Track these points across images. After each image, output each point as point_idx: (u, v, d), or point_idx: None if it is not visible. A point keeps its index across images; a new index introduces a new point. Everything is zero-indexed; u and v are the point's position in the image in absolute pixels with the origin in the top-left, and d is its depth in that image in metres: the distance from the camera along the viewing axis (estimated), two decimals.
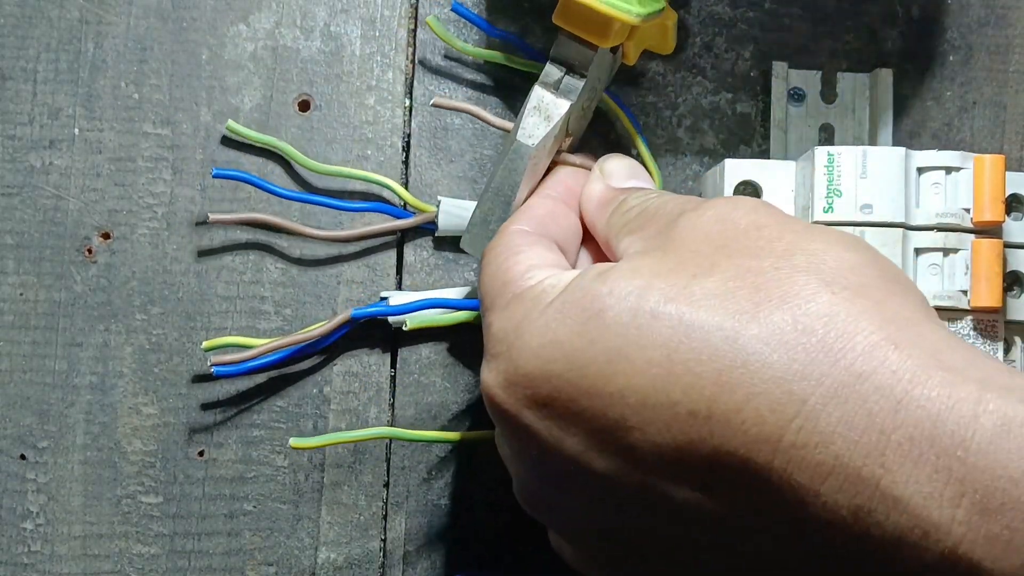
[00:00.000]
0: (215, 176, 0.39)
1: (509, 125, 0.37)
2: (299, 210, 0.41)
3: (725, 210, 0.29)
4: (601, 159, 0.36)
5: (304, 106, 0.41)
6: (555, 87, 0.35)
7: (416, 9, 0.42)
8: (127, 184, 0.41)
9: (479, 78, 0.41)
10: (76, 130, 0.41)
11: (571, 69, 0.35)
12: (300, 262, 0.40)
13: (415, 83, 0.41)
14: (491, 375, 0.29)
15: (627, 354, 0.26)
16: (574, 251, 0.35)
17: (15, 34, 0.41)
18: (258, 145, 0.40)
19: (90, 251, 0.40)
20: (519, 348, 0.28)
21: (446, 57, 0.41)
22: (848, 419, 0.24)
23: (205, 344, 0.39)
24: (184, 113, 0.41)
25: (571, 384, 0.27)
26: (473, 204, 0.37)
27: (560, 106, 0.35)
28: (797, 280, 0.26)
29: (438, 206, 0.39)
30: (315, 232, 0.40)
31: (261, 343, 0.38)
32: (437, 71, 0.41)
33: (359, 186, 0.41)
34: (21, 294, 0.40)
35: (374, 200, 0.40)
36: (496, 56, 0.40)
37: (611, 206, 0.34)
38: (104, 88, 0.41)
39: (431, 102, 0.39)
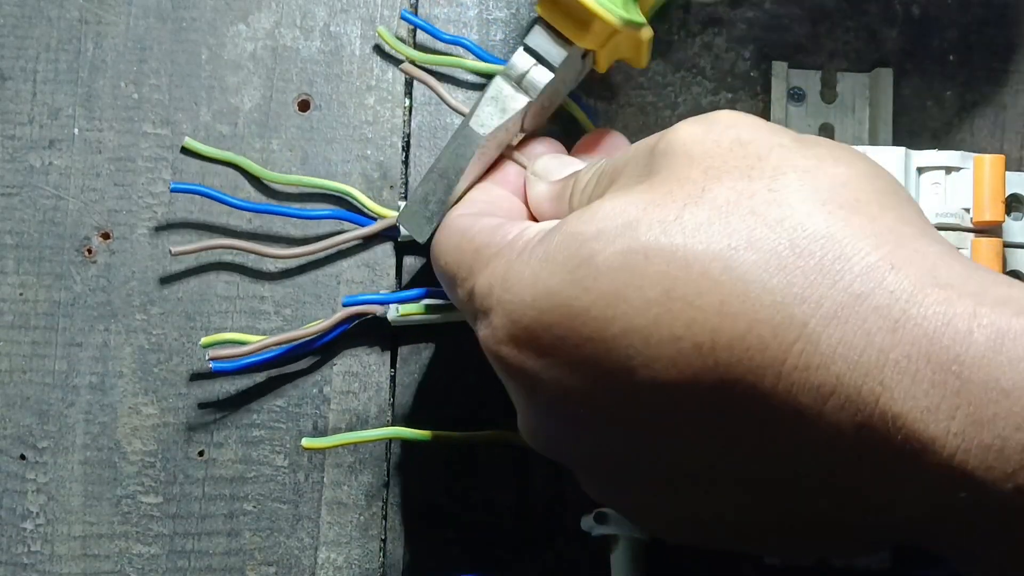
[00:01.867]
0: (173, 191, 0.39)
1: (466, 109, 0.36)
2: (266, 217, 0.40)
3: (701, 129, 0.28)
4: (528, 161, 0.36)
5: (304, 106, 0.41)
6: (518, 80, 0.35)
7: (416, 9, 0.42)
8: (127, 184, 0.41)
9: (479, 79, 0.41)
10: (76, 130, 0.41)
11: (540, 61, 0.35)
12: (300, 262, 0.40)
13: (415, 83, 0.41)
14: (488, 332, 0.29)
15: (624, 296, 0.26)
16: None
17: (15, 34, 0.41)
18: (217, 160, 0.40)
19: (90, 251, 0.40)
20: (511, 301, 0.28)
21: (446, 57, 0.41)
22: (848, 340, 0.24)
23: (204, 340, 0.39)
24: (184, 113, 0.41)
25: (571, 331, 0.27)
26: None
27: (518, 100, 0.35)
28: (791, 201, 0.26)
29: (400, 212, 0.39)
30: (275, 252, 0.39)
31: (259, 339, 0.38)
32: (436, 71, 0.41)
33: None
34: (21, 294, 0.40)
35: (336, 207, 0.40)
36: (447, 61, 0.40)
37: (565, 193, 0.33)
38: (104, 88, 0.41)
39: (399, 66, 0.39)
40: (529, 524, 0.40)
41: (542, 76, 0.35)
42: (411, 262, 0.41)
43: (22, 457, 0.40)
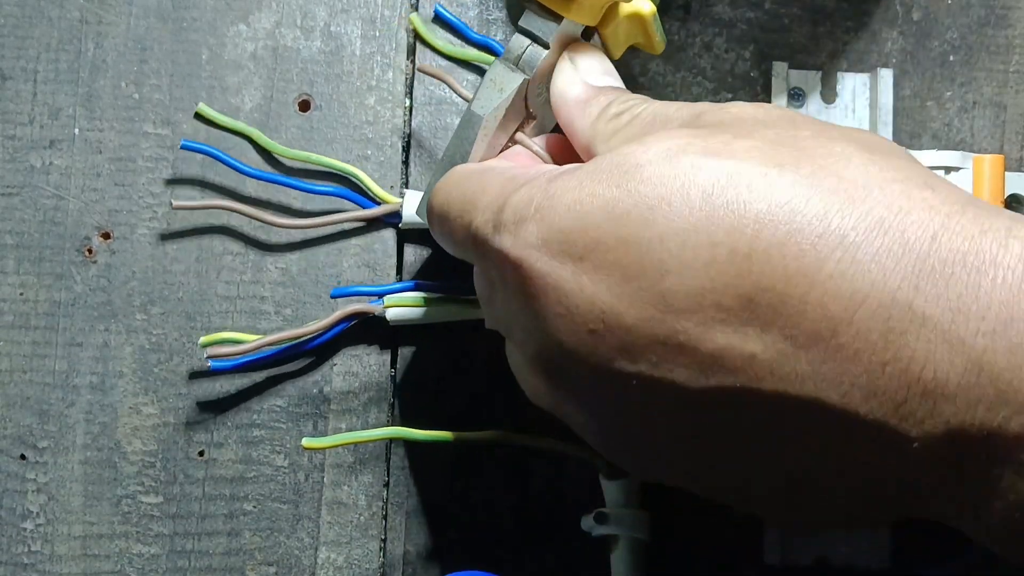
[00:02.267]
0: (183, 147, 0.39)
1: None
2: (269, 192, 0.41)
3: (754, 104, 0.30)
4: (570, 49, 0.35)
5: (304, 106, 0.41)
6: (515, 62, 0.35)
7: (416, 9, 0.42)
8: (127, 184, 0.41)
9: (479, 79, 0.41)
10: (76, 130, 0.41)
11: (535, 40, 0.35)
12: (300, 262, 0.40)
13: (415, 83, 0.41)
14: (520, 239, 0.29)
15: (669, 199, 0.26)
16: None
17: (15, 34, 0.41)
18: (227, 129, 0.40)
19: (90, 251, 0.40)
20: (551, 208, 0.28)
21: (446, 57, 0.41)
22: (887, 248, 0.25)
23: (202, 340, 0.39)
24: (184, 113, 0.41)
25: (610, 233, 0.27)
26: None
27: (514, 79, 0.35)
28: (835, 145, 0.27)
29: (403, 198, 0.40)
30: (276, 220, 0.40)
31: (258, 338, 0.38)
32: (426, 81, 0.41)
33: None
34: (21, 294, 0.40)
35: (341, 187, 0.40)
36: (473, 58, 0.41)
37: (592, 107, 0.33)
38: (104, 88, 0.41)
39: (417, 67, 0.40)
40: (529, 524, 0.40)
41: (537, 54, 0.35)
42: (411, 262, 0.41)
43: (22, 457, 0.40)
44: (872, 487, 0.27)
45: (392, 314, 0.39)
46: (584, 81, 0.34)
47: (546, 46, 0.35)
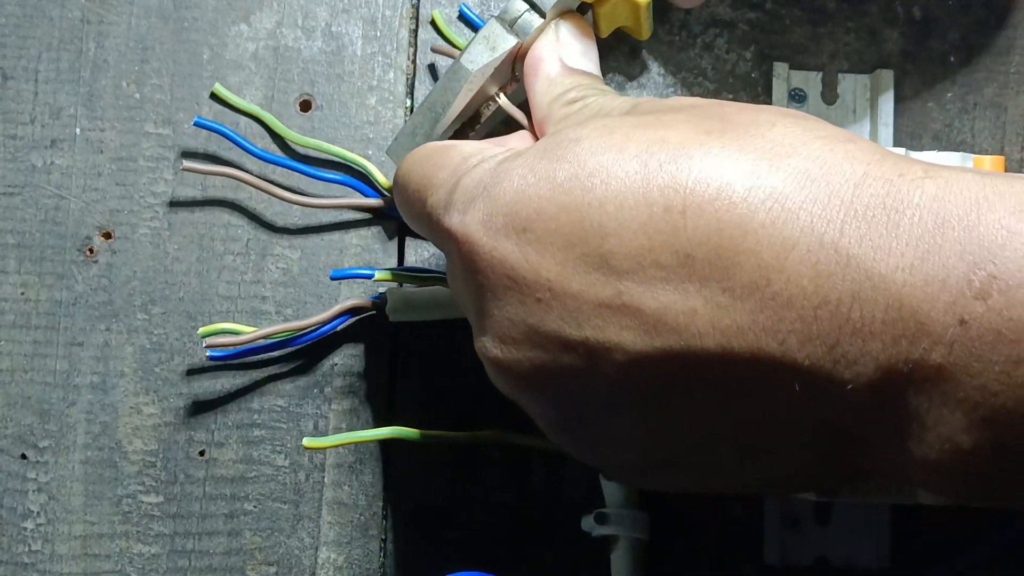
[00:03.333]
0: (196, 124, 0.39)
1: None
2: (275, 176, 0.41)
3: (690, 98, 0.32)
4: (560, 18, 0.36)
5: (305, 106, 0.41)
6: (511, 23, 0.35)
7: (417, 9, 0.42)
8: (128, 184, 0.41)
9: None
10: (77, 130, 0.41)
11: (533, 7, 0.35)
12: (301, 262, 0.41)
13: (416, 84, 0.41)
14: (467, 217, 0.30)
15: (605, 165, 0.28)
16: None
17: (16, 34, 0.41)
18: (241, 111, 0.41)
19: (91, 251, 0.40)
20: (496, 185, 0.29)
21: (447, 57, 0.41)
22: (813, 196, 0.26)
23: (202, 330, 0.38)
24: (185, 113, 0.41)
25: (551, 202, 0.28)
26: None
27: (508, 41, 0.35)
28: (760, 115, 0.29)
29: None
30: (285, 194, 0.40)
31: (257, 329, 0.38)
32: (438, 71, 0.41)
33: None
34: (22, 293, 0.40)
35: (349, 177, 0.40)
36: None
37: (555, 87, 0.34)
38: (105, 88, 0.41)
39: (431, 47, 0.41)
40: (529, 524, 0.40)
41: (533, 20, 0.35)
42: (412, 262, 0.41)
43: (23, 456, 0.40)
44: (818, 441, 0.28)
45: (391, 308, 0.39)
46: (560, 58, 0.35)
47: (543, 14, 0.35)
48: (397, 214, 0.40)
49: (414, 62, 0.42)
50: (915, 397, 0.26)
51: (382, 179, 0.40)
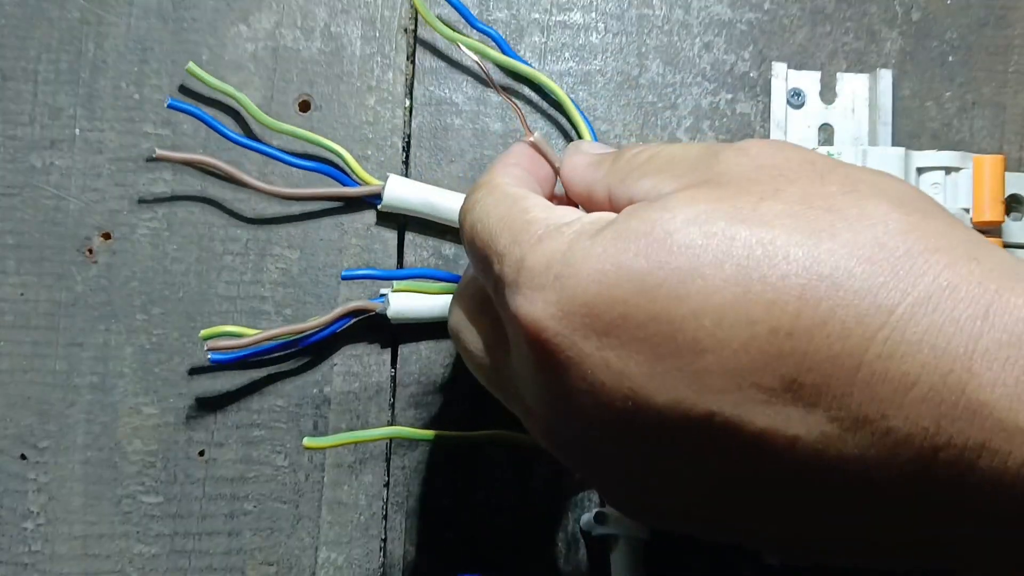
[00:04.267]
0: (169, 107, 0.39)
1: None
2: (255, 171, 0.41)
3: (773, 146, 0.28)
4: (572, 144, 0.34)
5: (304, 106, 0.41)
6: None
7: (416, 9, 0.42)
8: (128, 184, 0.41)
9: (470, 80, 0.41)
10: (77, 130, 0.41)
11: None
12: (300, 263, 0.41)
13: (415, 83, 0.41)
14: (537, 307, 0.27)
15: (702, 273, 0.25)
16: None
17: (16, 34, 0.41)
18: (216, 91, 0.40)
19: (91, 251, 0.40)
20: (572, 276, 0.26)
21: (446, 57, 0.41)
22: (936, 327, 0.23)
23: (203, 332, 0.39)
24: (184, 113, 0.41)
25: (639, 308, 0.25)
26: (428, 187, 0.38)
27: None
28: (868, 203, 0.26)
29: (386, 181, 0.40)
30: (258, 184, 0.40)
31: (258, 332, 0.38)
32: (437, 71, 0.41)
33: (313, 149, 0.41)
34: (22, 294, 0.40)
35: (325, 165, 0.40)
36: (474, 45, 0.40)
37: (605, 163, 0.32)
38: (105, 88, 0.41)
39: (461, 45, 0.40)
40: (529, 524, 0.40)
41: None
42: (411, 262, 0.41)
43: (23, 457, 0.40)
44: (895, 544, 0.26)
45: (393, 311, 0.39)
46: (590, 152, 0.33)
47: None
48: (375, 202, 0.40)
49: (413, 62, 0.42)
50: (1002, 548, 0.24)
51: (358, 168, 0.40)
